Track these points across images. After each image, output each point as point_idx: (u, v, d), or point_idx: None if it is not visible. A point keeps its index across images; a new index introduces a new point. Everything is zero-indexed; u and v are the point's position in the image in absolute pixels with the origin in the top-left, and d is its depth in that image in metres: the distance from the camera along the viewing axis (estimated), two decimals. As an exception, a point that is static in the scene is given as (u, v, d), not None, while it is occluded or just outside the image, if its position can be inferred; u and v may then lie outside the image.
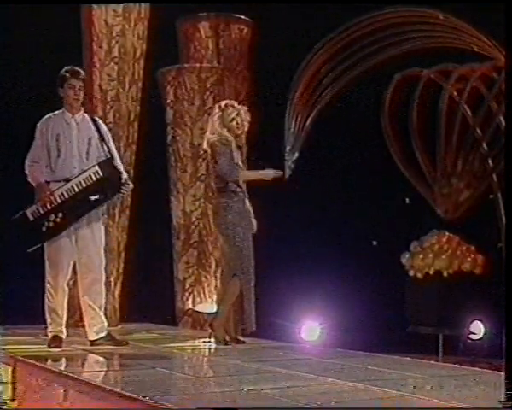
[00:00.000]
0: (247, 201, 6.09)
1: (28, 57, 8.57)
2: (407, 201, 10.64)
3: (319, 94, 10.03)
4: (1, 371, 4.91)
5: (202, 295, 9.27)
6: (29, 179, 5.73)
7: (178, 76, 9.41)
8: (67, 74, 5.74)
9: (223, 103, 6.18)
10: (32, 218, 5.58)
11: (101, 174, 5.59)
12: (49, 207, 5.53)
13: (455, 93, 10.18)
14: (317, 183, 9.99)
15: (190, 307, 9.25)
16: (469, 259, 9.99)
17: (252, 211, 6.15)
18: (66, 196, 5.56)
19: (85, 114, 5.88)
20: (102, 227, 5.84)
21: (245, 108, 6.16)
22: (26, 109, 8.35)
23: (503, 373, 4.04)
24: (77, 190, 5.57)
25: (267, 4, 8.99)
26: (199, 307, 9.21)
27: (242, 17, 9.58)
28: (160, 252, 9.33)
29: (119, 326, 7.68)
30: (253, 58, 9.58)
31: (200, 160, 9.20)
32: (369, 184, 10.05)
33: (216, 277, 9.08)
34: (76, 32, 8.55)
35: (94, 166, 5.62)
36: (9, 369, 4.85)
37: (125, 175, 5.78)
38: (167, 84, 9.44)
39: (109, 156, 5.68)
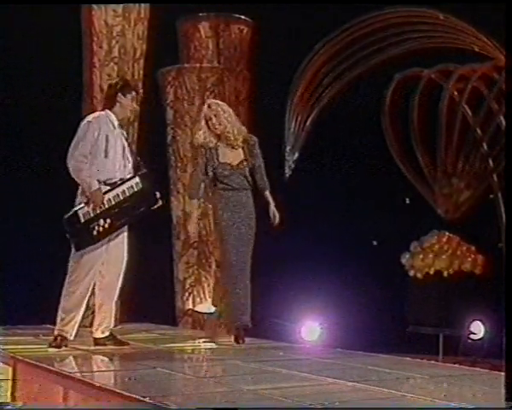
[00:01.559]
0: (239, 195, 6.07)
1: (28, 57, 8.57)
2: (407, 201, 10.64)
3: (319, 94, 10.03)
4: (1, 371, 4.92)
5: (202, 295, 9.28)
6: (73, 174, 5.65)
7: (178, 76, 9.41)
8: (132, 87, 6.02)
9: (206, 103, 6.28)
10: (83, 219, 5.64)
11: (140, 186, 5.73)
12: (98, 211, 5.60)
13: (455, 93, 10.18)
14: (317, 183, 9.99)
15: (190, 307, 9.25)
16: (469, 259, 9.99)
17: (248, 205, 6.11)
18: (113, 203, 5.66)
19: None
20: (126, 235, 5.94)
21: (227, 108, 6.17)
22: (26, 109, 8.35)
23: (503, 373, 4.04)
24: (121, 198, 5.70)
25: (267, 4, 8.99)
26: (199, 307, 9.21)
27: (242, 17, 9.58)
28: (160, 252, 9.33)
29: (119, 326, 7.68)
30: (253, 58, 9.58)
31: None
32: (370, 184, 10.04)
33: (216, 277, 9.09)
34: (76, 32, 8.55)
35: (135, 177, 5.75)
36: (9, 369, 4.85)
37: (158, 192, 5.90)
38: (167, 85, 9.44)
39: (144, 170, 5.80)
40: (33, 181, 5.70)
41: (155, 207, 5.88)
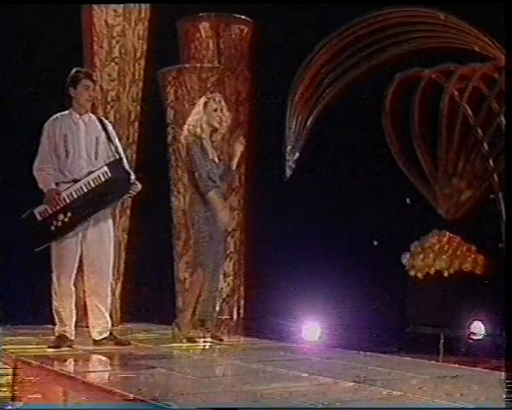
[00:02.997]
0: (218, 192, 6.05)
1: (29, 57, 8.57)
2: (408, 201, 10.63)
3: (320, 94, 10.03)
4: (1, 371, 4.91)
5: (203, 296, 9.27)
6: (39, 184, 5.69)
7: (179, 76, 9.40)
8: (81, 75, 5.78)
9: (209, 94, 6.26)
10: (40, 217, 5.59)
11: (109, 175, 5.62)
12: (57, 207, 5.53)
13: (456, 93, 10.18)
14: (318, 183, 9.98)
15: (191, 307, 9.25)
16: (470, 259, 9.98)
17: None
18: (75, 196, 5.58)
19: (92, 115, 5.89)
20: (111, 228, 5.84)
21: (227, 111, 6.19)
22: (26, 109, 8.35)
23: (503, 373, 4.04)
24: (85, 190, 5.59)
25: (267, 4, 8.98)
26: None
27: (243, 17, 9.57)
28: (161, 252, 9.32)
29: (119, 326, 7.68)
30: (254, 58, 9.57)
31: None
32: (370, 184, 10.03)
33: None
34: (76, 32, 8.55)
35: (102, 166, 5.64)
36: (9, 369, 4.85)
37: (133, 176, 5.81)
38: (168, 85, 9.44)
39: (117, 157, 5.70)
40: (33, 181, 5.69)
41: (133, 192, 5.80)
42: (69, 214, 5.55)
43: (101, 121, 5.86)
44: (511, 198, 4.10)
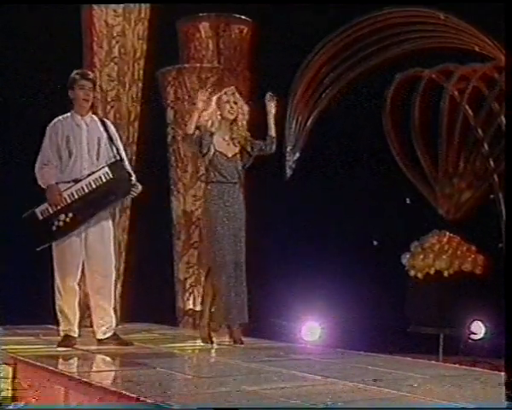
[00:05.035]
0: (234, 189, 5.99)
1: (29, 57, 8.58)
2: (408, 201, 10.63)
3: (320, 94, 10.03)
4: (1, 371, 4.92)
5: (203, 296, 9.27)
6: (39, 182, 5.71)
7: (179, 76, 9.41)
8: (77, 76, 5.81)
9: (227, 88, 6.20)
10: (41, 217, 5.60)
11: (111, 176, 5.66)
12: (58, 206, 5.55)
13: (456, 93, 10.18)
14: (318, 183, 9.99)
15: (191, 307, 9.25)
16: (470, 259, 9.98)
17: (239, 199, 6.02)
18: (76, 197, 5.60)
19: (93, 116, 5.92)
20: (112, 227, 5.86)
21: (246, 105, 6.14)
22: (25, 109, 8.35)
23: (503, 373, 4.04)
24: (87, 190, 5.62)
25: (267, 4, 8.99)
26: (199, 308, 9.20)
27: (242, 17, 9.58)
28: (161, 252, 9.33)
29: (119, 326, 7.68)
30: (254, 58, 9.58)
31: (201, 160, 9.20)
32: (370, 184, 10.04)
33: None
34: (76, 32, 8.55)
35: (104, 167, 5.68)
36: (10, 369, 4.85)
37: (134, 177, 5.83)
38: (167, 85, 9.44)
39: (119, 158, 5.74)
40: (33, 181, 5.70)
41: (134, 193, 5.82)
42: (70, 215, 5.57)
43: (102, 122, 5.89)
44: (511, 198, 4.09)
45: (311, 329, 8.95)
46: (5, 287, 6.72)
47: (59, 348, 5.60)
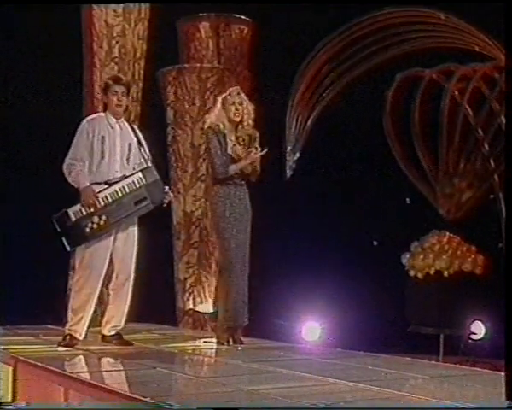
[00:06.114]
0: (240, 190, 6.00)
1: (29, 57, 8.58)
2: (408, 201, 10.63)
3: (320, 94, 10.03)
4: (2, 371, 4.92)
5: (203, 296, 9.28)
6: (68, 179, 5.69)
7: (179, 76, 9.41)
8: (110, 81, 5.85)
9: (231, 89, 6.16)
10: (74, 218, 5.62)
11: (144, 181, 5.70)
12: (92, 209, 5.57)
13: (456, 93, 10.17)
14: (318, 183, 9.99)
15: (191, 307, 9.25)
16: (470, 259, 9.97)
17: (246, 200, 6.02)
18: (110, 200, 5.63)
19: (125, 121, 5.94)
20: (136, 232, 5.89)
21: (250, 103, 6.10)
22: (26, 109, 8.35)
23: (503, 373, 4.03)
24: (120, 194, 5.66)
25: (267, 4, 8.99)
26: (199, 308, 9.21)
27: (242, 17, 9.59)
28: (161, 252, 9.32)
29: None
30: (254, 58, 9.58)
31: (201, 160, 9.21)
32: (371, 184, 10.04)
33: (217, 277, 9.08)
34: (76, 32, 8.55)
35: (137, 172, 5.73)
36: (10, 369, 4.85)
37: (166, 186, 5.88)
38: (168, 85, 9.45)
39: (149, 164, 5.78)
40: (33, 181, 5.69)
41: (165, 201, 5.87)
42: (104, 217, 5.61)
43: (132, 128, 5.93)
44: (511, 198, 4.09)
45: (311, 329, 8.95)
46: (5, 287, 6.72)
47: (59, 348, 5.60)
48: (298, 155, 10.05)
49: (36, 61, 8.51)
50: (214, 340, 6.09)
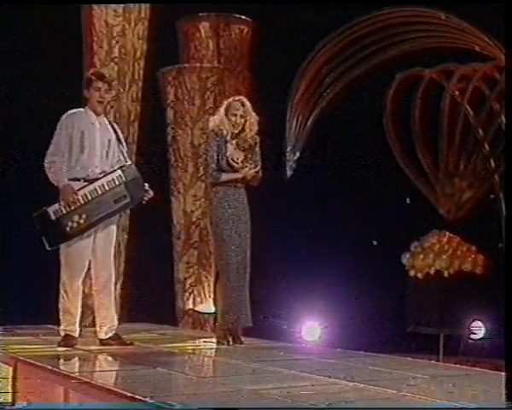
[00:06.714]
0: (239, 192, 6.00)
1: (29, 57, 8.57)
2: (408, 201, 10.63)
3: (320, 94, 10.03)
4: (2, 371, 4.92)
5: (203, 295, 9.28)
6: (50, 178, 5.68)
7: (179, 76, 9.41)
8: (93, 77, 5.80)
9: (236, 97, 6.16)
10: (54, 217, 5.59)
11: (124, 179, 5.65)
12: (72, 207, 5.55)
13: (457, 93, 10.18)
14: (318, 182, 9.99)
15: (191, 307, 9.25)
16: (470, 259, 9.98)
17: (244, 202, 6.02)
18: (90, 198, 5.59)
19: (104, 117, 5.92)
20: (115, 230, 5.88)
21: (254, 114, 6.08)
22: (26, 109, 8.35)
23: (503, 373, 4.04)
24: (100, 192, 5.61)
25: (267, 4, 8.99)
26: (199, 307, 9.21)
27: (243, 17, 9.58)
28: (161, 252, 9.32)
29: (119, 326, 7.67)
30: (254, 58, 9.58)
31: (201, 159, 9.20)
32: (371, 184, 10.04)
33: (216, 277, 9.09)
34: (76, 32, 8.55)
35: (116, 170, 5.68)
36: (10, 369, 4.85)
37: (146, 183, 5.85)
38: (168, 84, 9.44)
39: (128, 162, 5.75)
40: (33, 181, 5.70)
41: (145, 199, 5.83)
42: (84, 216, 5.57)
43: (111, 125, 5.91)
44: (511, 198, 4.09)
45: (311, 329, 8.96)
46: (5, 287, 6.72)
47: (59, 348, 5.60)
48: (298, 154, 10.06)
49: (36, 61, 8.50)
50: (214, 340, 6.09)
